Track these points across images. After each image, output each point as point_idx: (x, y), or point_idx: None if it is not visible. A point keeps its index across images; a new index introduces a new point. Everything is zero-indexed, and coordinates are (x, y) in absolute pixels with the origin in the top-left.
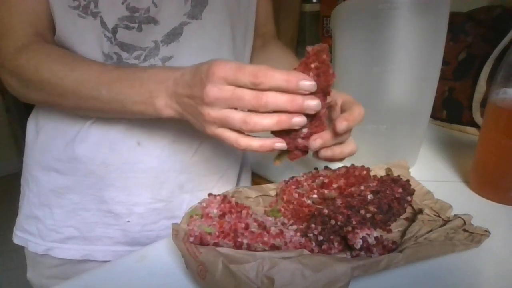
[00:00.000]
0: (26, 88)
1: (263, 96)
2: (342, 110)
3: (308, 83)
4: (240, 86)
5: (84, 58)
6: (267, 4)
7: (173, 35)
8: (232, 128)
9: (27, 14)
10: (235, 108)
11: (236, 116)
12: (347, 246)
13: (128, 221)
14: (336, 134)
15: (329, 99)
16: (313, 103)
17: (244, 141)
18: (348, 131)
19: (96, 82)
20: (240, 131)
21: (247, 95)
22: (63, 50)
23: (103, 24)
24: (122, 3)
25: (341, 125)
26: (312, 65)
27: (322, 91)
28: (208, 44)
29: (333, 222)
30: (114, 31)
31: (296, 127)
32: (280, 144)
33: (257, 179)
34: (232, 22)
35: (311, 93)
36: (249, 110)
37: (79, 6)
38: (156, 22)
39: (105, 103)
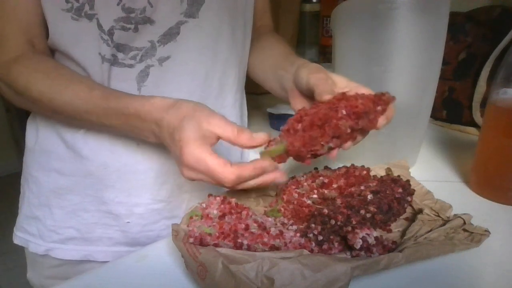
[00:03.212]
0: (20, 99)
1: (233, 187)
2: None
3: (270, 169)
4: None
5: (69, 77)
6: None
7: (170, 34)
8: None
9: (19, 22)
10: None
11: (215, 183)
12: (347, 246)
13: (128, 222)
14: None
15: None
16: (280, 180)
17: (240, 185)
18: None
19: (85, 110)
20: None
21: (220, 181)
22: (51, 66)
23: (99, 26)
24: (118, 4)
25: (382, 123)
26: (377, 108)
27: (365, 131)
28: (206, 43)
29: (333, 222)
30: (111, 32)
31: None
32: (279, 176)
33: None
34: (230, 20)
35: (361, 129)
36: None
37: (71, 9)
38: (152, 22)
39: (96, 124)
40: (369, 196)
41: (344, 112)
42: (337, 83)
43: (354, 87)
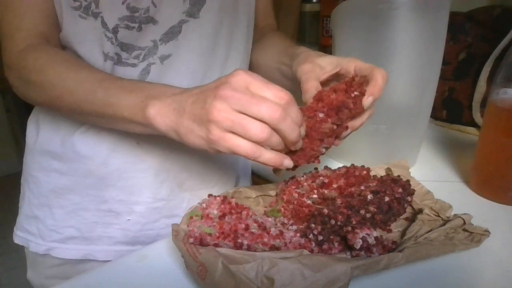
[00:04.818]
0: (28, 88)
1: (284, 111)
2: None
3: (304, 129)
4: None
5: (87, 63)
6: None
7: (172, 33)
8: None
9: (32, 14)
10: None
11: (256, 124)
12: (347, 246)
13: (129, 219)
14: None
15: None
16: (299, 146)
17: (258, 152)
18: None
19: (95, 85)
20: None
21: (265, 104)
22: (69, 54)
23: (104, 24)
24: (123, 3)
25: (367, 101)
26: (353, 94)
27: (353, 117)
28: (205, 43)
29: (333, 222)
30: (115, 31)
31: (284, 168)
32: (288, 162)
33: (257, 179)
34: (230, 21)
35: (346, 120)
36: None
37: (80, 7)
38: (155, 22)
39: (98, 107)
40: (369, 196)
41: (321, 115)
42: (325, 67)
43: (345, 63)
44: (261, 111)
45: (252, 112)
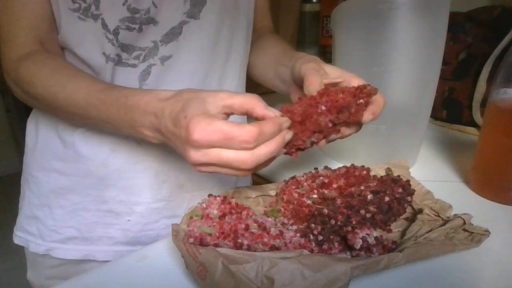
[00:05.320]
0: (26, 96)
1: (253, 156)
2: None
3: (286, 124)
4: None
5: (75, 72)
6: (263, 0)
7: (172, 34)
8: None
9: (29, 19)
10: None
11: (232, 171)
12: (347, 246)
13: (129, 220)
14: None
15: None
16: (288, 137)
17: (249, 172)
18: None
19: (85, 103)
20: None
21: (233, 163)
22: (59, 62)
23: (104, 26)
24: (123, 4)
25: (368, 117)
26: (359, 101)
27: (348, 123)
28: (205, 44)
29: (333, 222)
30: (116, 32)
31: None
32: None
33: (257, 179)
34: (230, 22)
35: (345, 123)
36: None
37: (79, 9)
38: (155, 23)
39: (97, 122)
40: (369, 196)
41: (323, 107)
42: (329, 74)
43: (348, 77)
44: (231, 170)
45: (223, 172)
